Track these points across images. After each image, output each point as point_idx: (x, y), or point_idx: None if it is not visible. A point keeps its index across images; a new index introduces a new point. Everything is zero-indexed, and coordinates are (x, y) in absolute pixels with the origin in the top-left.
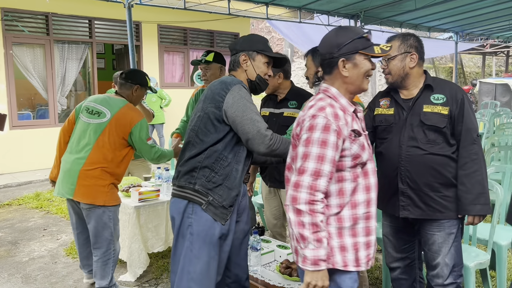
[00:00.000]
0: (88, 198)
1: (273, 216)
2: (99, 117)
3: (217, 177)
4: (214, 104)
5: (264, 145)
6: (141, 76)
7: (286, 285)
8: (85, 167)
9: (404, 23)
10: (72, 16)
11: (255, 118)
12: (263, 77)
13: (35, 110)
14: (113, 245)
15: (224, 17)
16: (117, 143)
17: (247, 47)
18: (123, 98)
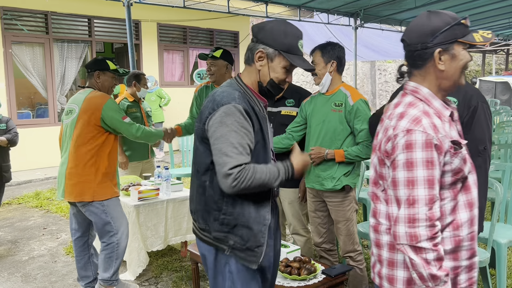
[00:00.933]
0: (76, 196)
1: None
2: (71, 114)
3: (228, 217)
4: (199, 123)
5: (226, 187)
6: (100, 61)
7: (286, 283)
8: (69, 166)
9: (404, 21)
10: (72, 15)
11: (225, 151)
12: (277, 83)
13: (34, 109)
14: (116, 238)
15: (223, 15)
16: (91, 132)
17: (270, 41)
18: (88, 88)
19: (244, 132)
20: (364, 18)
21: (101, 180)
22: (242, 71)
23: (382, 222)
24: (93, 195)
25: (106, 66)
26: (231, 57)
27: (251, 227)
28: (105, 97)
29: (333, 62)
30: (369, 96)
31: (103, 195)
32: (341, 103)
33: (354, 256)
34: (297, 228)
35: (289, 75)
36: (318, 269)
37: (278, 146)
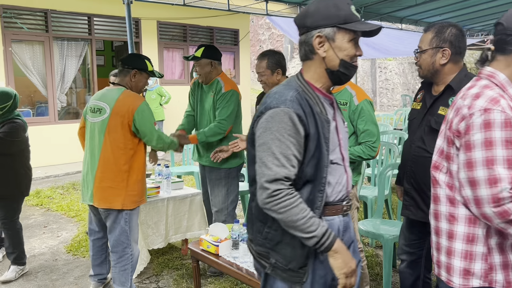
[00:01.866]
0: (105, 203)
1: None
2: (100, 114)
3: (272, 232)
4: (251, 125)
5: (260, 199)
6: (139, 60)
7: None
8: (101, 169)
9: (404, 18)
10: (71, 13)
11: (265, 161)
12: (350, 62)
13: (34, 107)
14: (130, 249)
15: (223, 13)
16: (125, 136)
17: (322, 21)
18: (120, 87)
19: (291, 141)
20: (364, 15)
21: (131, 187)
22: (303, 67)
23: (442, 208)
24: (122, 203)
25: (145, 66)
26: (214, 52)
27: (295, 246)
28: (139, 98)
29: None
30: (370, 94)
31: (131, 203)
32: (346, 102)
33: None
34: None
35: (358, 47)
36: None
37: None
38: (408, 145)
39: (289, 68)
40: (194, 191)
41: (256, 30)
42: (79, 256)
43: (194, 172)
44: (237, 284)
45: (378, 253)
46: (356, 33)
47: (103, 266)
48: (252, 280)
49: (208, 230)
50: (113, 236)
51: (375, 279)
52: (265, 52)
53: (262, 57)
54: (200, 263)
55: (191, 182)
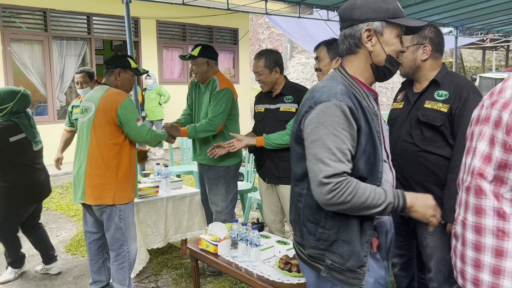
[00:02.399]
0: (97, 199)
1: (271, 212)
2: (87, 113)
3: (326, 232)
4: (297, 124)
5: (321, 198)
6: (121, 58)
7: (286, 280)
8: (89, 167)
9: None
10: (70, 12)
11: (321, 157)
12: (395, 58)
13: (34, 107)
14: (126, 247)
15: (223, 12)
16: (111, 132)
17: (371, 15)
18: (105, 86)
19: (345, 135)
20: None
21: (122, 183)
22: (344, 61)
23: (488, 221)
24: (113, 198)
25: (128, 63)
26: (211, 52)
27: (353, 242)
28: (122, 94)
29: (338, 58)
30: None
31: (123, 198)
32: None
33: None
34: None
35: (403, 43)
36: None
37: (278, 142)
38: (394, 141)
39: (288, 67)
40: (194, 190)
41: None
42: (78, 255)
43: (193, 171)
44: (236, 284)
45: None
46: (403, 29)
47: (102, 272)
48: (251, 279)
49: (207, 229)
50: (109, 234)
51: None
52: (263, 51)
53: (259, 56)
54: (199, 263)
55: (191, 181)
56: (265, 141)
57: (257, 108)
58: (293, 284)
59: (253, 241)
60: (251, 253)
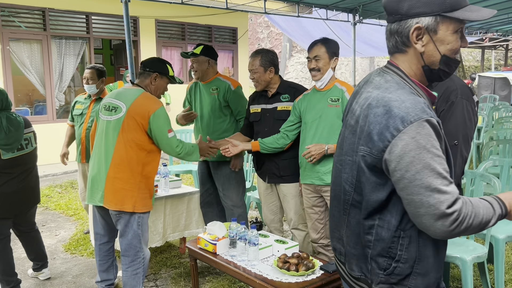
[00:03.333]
0: (116, 204)
1: (270, 212)
2: (115, 112)
3: (401, 265)
4: (369, 148)
5: (443, 230)
6: (161, 64)
7: (284, 279)
8: (112, 170)
9: None
10: (69, 12)
11: (436, 186)
12: (452, 58)
13: (33, 106)
14: (141, 253)
15: (222, 11)
16: (140, 139)
17: (423, 8)
18: (139, 88)
19: (442, 152)
20: (363, 14)
21: (142, 190)
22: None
23: None
24: (134, 206)
25: (167, 70)
26: (212, 52)
27: (428, 275)
28: (157, 102)
29: (336, 58)
30: None
31: (142, 206)
32: (337, 98)
33: None
34: (297, 224)
35: (463, 39)
36: (316, 265)
37: (274, 146)
38: None
39: (287, 66)
40: (192, 189)
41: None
42: (77, 255)
43: (192, 170)
44: (235, 283)
45: None
46: (463, 22)
47: (110, 271)
48: (249, 278)
49: (205, 228)
50: (125, 240)
51: None
52: (259, 50)
53: (255, 54)
54: (198, 262)
55: (189, 180)
56: (261, 145)
57: (253, 108)
58: (291, 283)
59: (251, 240)
60: (249, 252)
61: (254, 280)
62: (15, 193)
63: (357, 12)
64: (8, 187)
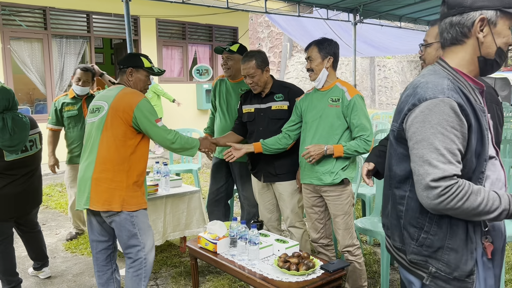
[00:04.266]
0: (104, 205)
1: (267, 211)
2: (99, 112)
3: (430, 237)
4: (396, 122)
5: (428, 203)
6: (134, 58)
7: (284, 279)
8: (97, 170)
9: (403, 17)
10: (70, 11)
11: (428, 158)
12: (505, 51)
13: (33, 105)
14: (143, 253)
15: (222, 11)
16: (123, 133)
17: (487, 2)
18: (120, 85)
19: (455, 134)
20: (363, 13)
21: (131, 188)
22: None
23: None
24: (122, 204)
25: (140, 63)
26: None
27: (460, 251)
28: (138, 95)
29: (330, 57)
30: (368, 92)
31: (132, 205)
32: (338, 99)
33: (352, 251)
34: (294, 222)
35: None
36: (316, 264)
37: (276, 146)
38: None
39: (288, 66)
40: (193, 188)
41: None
42: (77, 253)
43: (192, 170)
44: (235, 282)
45: (376, 251)
46: None
47: (110, 284)
48: (249, 277)
49: (206, 228)
50: (122, 241)
51: (373, 276)
52: (249, 52)
53: (248, 58)
54: (198, 261)
55: (190, 180)
56: (263, 147)
57: (246, 108)
58: (292, 282)
59: (252, 240)
60: (250, 252)
61: (255, 279)
62: (18, 195)
63: (357, 12)
64: (11, 189)
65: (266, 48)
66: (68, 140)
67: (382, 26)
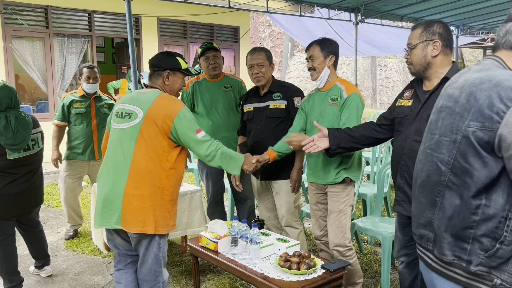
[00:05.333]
0: (137, 226)
1: (266, 209)
2: (130, 119)
3: (504, 248)
4: (480, 122)
5: None
6: (170, 59)
7: (285, 278)
8: (129, 186)
9: (405, 16)
10: (72, 9)
11: None
12: None
13: (35, 103)
14: (161, 278)
15: (224, 10)
16: (161, 145)
17: None
18: (155, 89)
19: None
20: (365, 13)
21: (165, 207)
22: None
23: None
24: (155, 226)
25: (178, 64)
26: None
27: None
28: (178, 103)
29: (332, 56)
30: (370, 91)
31: (164, 227)
32: (336, 98)
33: (342, 251)
34: (290, 221)
35: None
36: (317, 263)
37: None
38: (402, 140)
39: (289, 65)
40: (194, 188)
41: (257, 27)
42: (78, 252)
43: (193, 169)
44: (236, 281)
45: (377, 251)
46: None
47: None
48: (251, 276)
49: (207, 227)
50: (145, 265)
51: (374, 276)
52: (260, 47)
53: (260, 50)
54: (200, 260)
55: (191, 179)
56: (278, 154)
57: (246, 107)
58: (293, 281)
59: (253, 239)
60: (251, 251)
61: (256, 278)
62: (19, 194)
63: (359, 12)
64: (13, 188)
65: (267, 48)
66: (71, 136)
67: (383, 26)
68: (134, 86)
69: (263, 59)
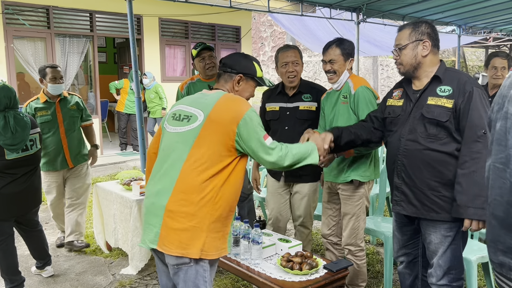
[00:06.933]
0: (177, 248)
1: (281, 211)
2: (189, 122)
3: None
4: None
5: None
6: (247, 62)
7: (288, 278)
8: (173, 199)
9: (407, 16)
10: (73, 10)
11: None
12: None
13: None
14: None
15: (225, 10)
16: (221, 154)
17: None
18: (220, 90)
19: None
20: (366, 12)
21: (216, 227)
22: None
23: None
24: (201, 249)
25: (254, 70)
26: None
27: None
28: (246, 103)
29: (351, 59)
30: None
31: (213, 251)
32: (346, 95)
33: (354, 250)
34: (305, 221)
35: None
36: (319, 264)
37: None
38: (396, 139)
39: None
40: None
41: (258, 27)
42: (80, 252)
43: None
44: (238, 281)
45: (379, 251)
46: None
47: None
48: (252, 277)
49: None
50: None
51: (376, 276)
52: (291, 45)
53: (293, 47)
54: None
55: None
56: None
57: (270, 106)
58: (295, 282)
59: (255, 239)
60: (253, 251)
61: (257, 278)
62: (18, 194)
63: (361, 11)
64: (11, 188)
65: (269, 47)
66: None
67: (385, 25)
68: (136, 86)
69: (297, 57)
